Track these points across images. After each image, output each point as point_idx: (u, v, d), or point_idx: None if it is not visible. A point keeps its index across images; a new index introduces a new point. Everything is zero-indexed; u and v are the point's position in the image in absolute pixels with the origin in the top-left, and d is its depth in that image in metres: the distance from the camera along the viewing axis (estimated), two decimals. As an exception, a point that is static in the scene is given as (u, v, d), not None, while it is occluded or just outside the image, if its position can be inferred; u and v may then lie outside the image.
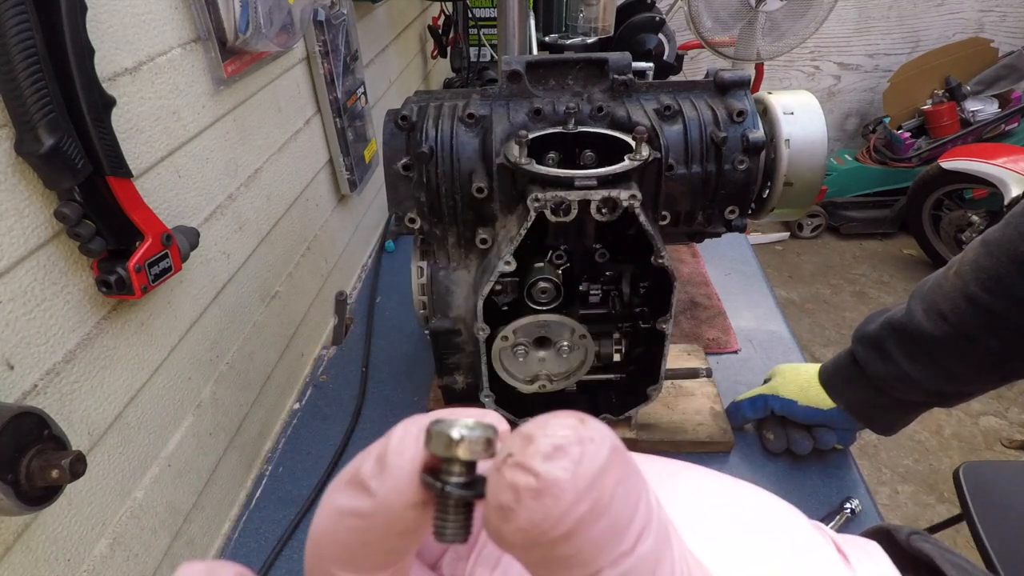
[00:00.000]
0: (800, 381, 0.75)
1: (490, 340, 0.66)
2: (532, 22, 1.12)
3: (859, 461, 1.00)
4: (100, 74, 0.48)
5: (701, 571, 0.15)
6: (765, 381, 0.81)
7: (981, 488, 1.10)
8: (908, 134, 2.98)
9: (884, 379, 0.67)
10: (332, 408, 0.91)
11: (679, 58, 1.43)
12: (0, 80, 0.41)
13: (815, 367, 0.76)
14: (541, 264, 0.65)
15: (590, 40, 1.19)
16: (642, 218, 0.57)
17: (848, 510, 0.72)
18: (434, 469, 0.14)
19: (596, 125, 0.65)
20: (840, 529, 0.70)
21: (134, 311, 0.58)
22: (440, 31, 1.69)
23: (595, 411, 0.75)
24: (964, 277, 0.60)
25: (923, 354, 0.63)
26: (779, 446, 0.77)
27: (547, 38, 1.24)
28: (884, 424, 0.71)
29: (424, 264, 0.70)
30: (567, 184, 0.56)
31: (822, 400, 0.73)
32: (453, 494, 0.14)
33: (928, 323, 0.62)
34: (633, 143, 0.59)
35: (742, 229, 0.70)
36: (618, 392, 0.76)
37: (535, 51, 1.16)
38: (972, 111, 2.88)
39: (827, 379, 0.73)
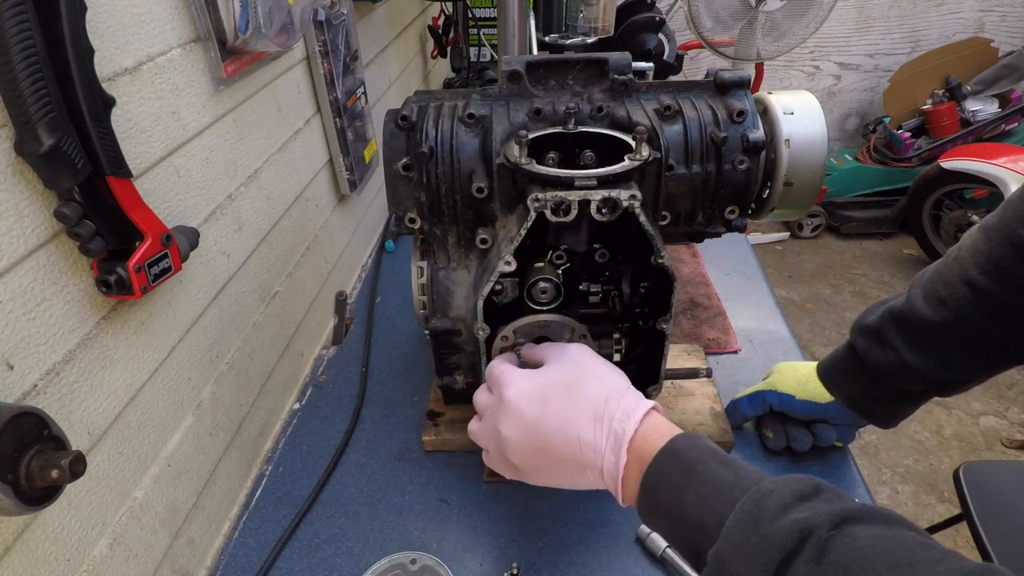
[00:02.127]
0: (798, 376, 0.76)
1: (490, 340, 0.66)
2: (532, 22, 1.12)
3: (859, 461, 1.00)
4: (100, 74, 0.48)
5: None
6: (763, 380, 0.81)
7: (981, 488, 1.10)
8: (908, 134, 2.98)
9: (884, 368, 0.66)
10: (332, 408, 0.91)
11: (679, 58, 1.43)
12: (0, 80, 0.41)
13: (813, 364, 0.76)
14: (541, 264, 0.65)
15: (590, 40, 1.19)
16: (642, 218, 0.57)
17: (848, 510, 0.71)
18: None
19: (596, 125, 0.65)
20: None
21: (134, 311, 0.58)
22: (440, 31, 1.69)
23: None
24: (963, 262, 0.60)
25: (923, 341, 0.63)
26: (779, 444, 0.77)
27: (547, 38, 1.24)
28: (883, 416, 0.71)
29: (424, 264, 0.70)
30: (567, 184, 0.56)
31: (820, 394, 0.73)
32: None
33: (928, 309, 0.62)
34: (633, 143, 0.59)
35: (742, 229, 0.70)
36: (618, 392, 0.76)
37: (535, 51, 1.16)
38: (972, 111, 2.88)
39: (826, 373, 0.74)
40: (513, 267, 0.60)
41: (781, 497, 0.40)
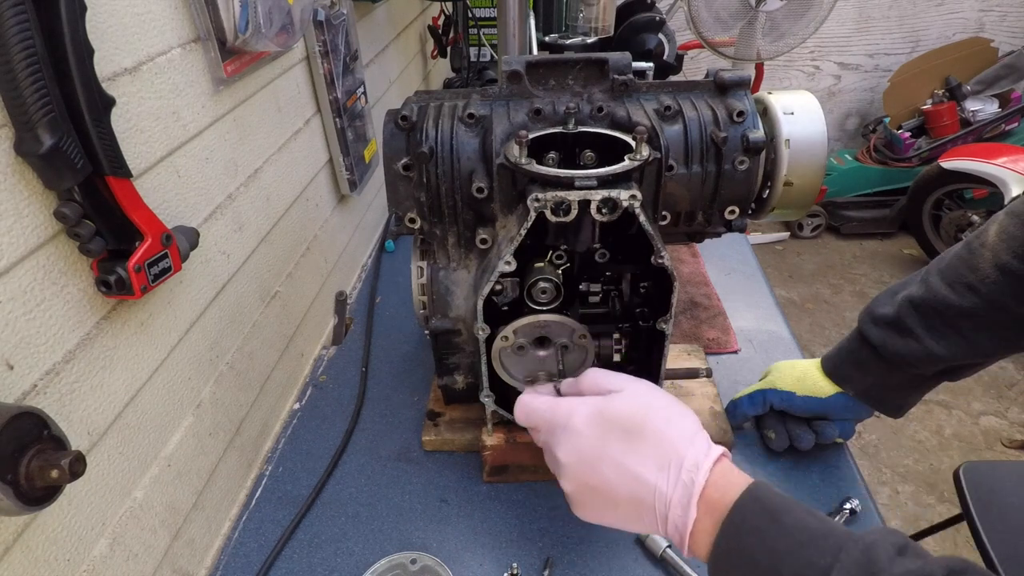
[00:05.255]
0: (796, 373, 0.76)
1: (490, 340, 0.66)
2: (532, 22, 1.12)
3: (859, 461, 1.00)
4: (100, 74, 0.48)
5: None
6: (761, 379, 0.81)
7: (981, 488, 1.10)
8: (908, 134, 2.98)
9: (904, 357, 0.67)
10: (332, 408, 0.91)
11: (679, 58, 1.43)
12: (0, 80, 0.41)
13: (810, 361, 0.77)
14: (541, 264, 0.65)
15: (590, 40, 1.19)
16: (642, 218, 0.57)
17: (848, 510, 0.72)
18: None
19: (596, 125, 0.65)
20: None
21: (134, 311, 0.58)
22: (440, 31, 1.69)
23: (595, 411, 0.75)
24: (994, 248, 0.60)
25: (948, 327, 0.64)
26: (781, 444, 0.77)
27: (547, 38, 1.24)
28: (894, 406, 0.72)
29: (424, 264, 0.70)
30: (567, 184, 0.56)
31: (820, 389, 0.73)
32: None
33: (955, 296, 0.62)
34: (633, 143, 0.59)
35: (742, 229, 0.70)
36: (618, 392, 0.76)
37: (535, 51, 1.16)
38: (972, 111, 2.88)
39: (833, 367, 0.74)
40: (513, 267, 0.60)
41: (886, 548, 0.40)
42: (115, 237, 0.51)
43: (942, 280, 0.64)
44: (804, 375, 0.75)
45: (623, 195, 0.56)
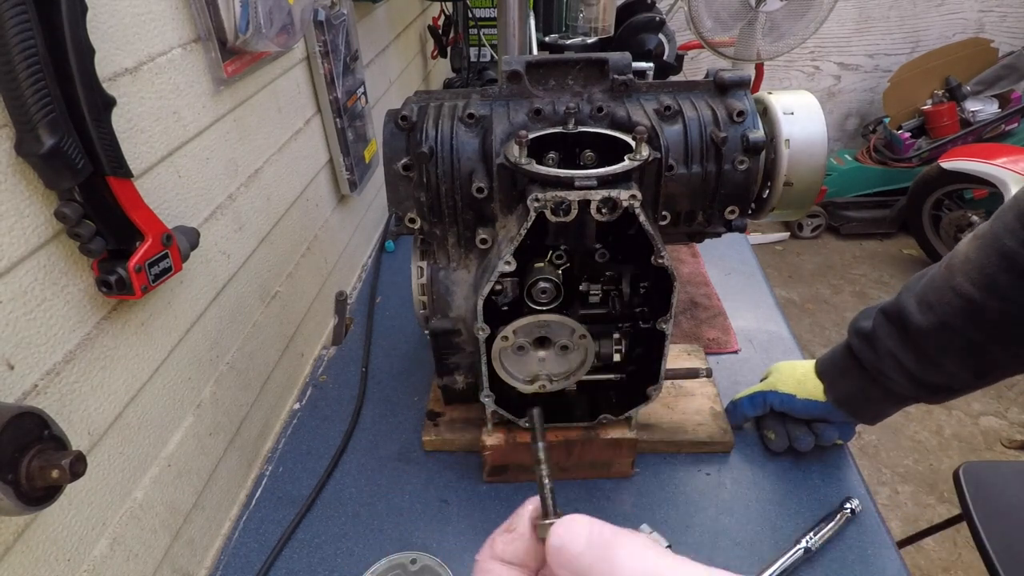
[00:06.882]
0: (797, 375, 0.76)
1: (490, 340, 0.66)
2: (532, 22, 1.12)
3: (859, 461, 1.00)
4: (100, 74, 0.48)
5: None
6: (762, 380, 0.81)
7: (981, 488, 1.10)
8: (908, 134, 2.98)
9: (877, 368, 0.67)
10: (332, 408, 0.91)
11: (679, 58, 1.43)
12: (0, 80, 0.41)
13: (811, 362, 0.77)
14: (541, 264, 0.64)
15: (590, 40, 1.19)
16: (642, 218, 0.57)
17: (848, 510, 0.72)
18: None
19: (596, 125, 0.65)
20: (840, 529, 0.70)
21: (134, 311, 0.58)
22: (440, 31, 1.69)
23: (595, 411, 0.75)
24: (953, 269, 0.61)
25: (911, 343, 0.64)
26: (781, 445, 0.77)
27: (547, 38, 1.24)
28: (870, 415, 0.73)
29: (424, 264, 0.70)
30: (567, 184, 0.56)
31: (820, 392, 0.73)
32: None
33: (917, 313, 0.63)
34: (633, 143, 0.59)
35: (742, 229, 0.70)
36: (618, 392, 0.76)
37: (535, 51, 1.16)
38: (972, 111, 2.88)
39: (823, 370, 0.74)
40: (513, 267, 0.60)
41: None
42: (115, 237, 0.51)
43: (913, 297, 0.65)
44: (805, 377, 0.75)
45: (623, 195, 0.56)
